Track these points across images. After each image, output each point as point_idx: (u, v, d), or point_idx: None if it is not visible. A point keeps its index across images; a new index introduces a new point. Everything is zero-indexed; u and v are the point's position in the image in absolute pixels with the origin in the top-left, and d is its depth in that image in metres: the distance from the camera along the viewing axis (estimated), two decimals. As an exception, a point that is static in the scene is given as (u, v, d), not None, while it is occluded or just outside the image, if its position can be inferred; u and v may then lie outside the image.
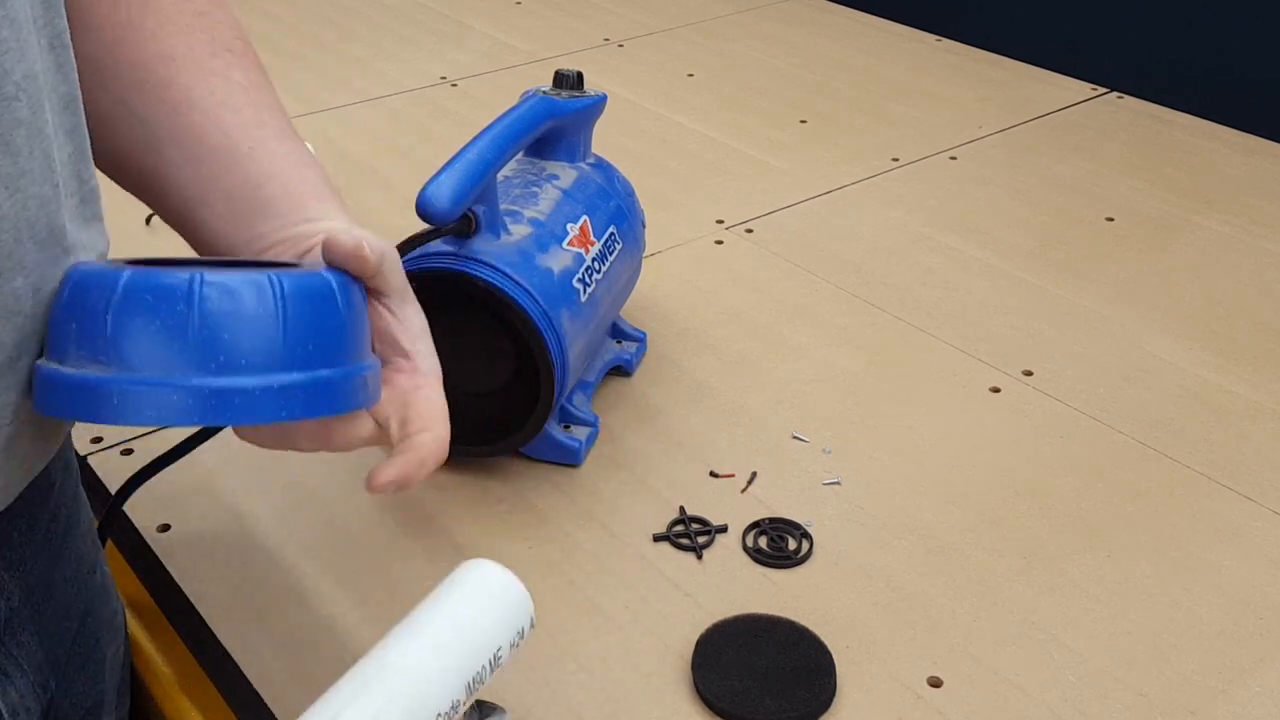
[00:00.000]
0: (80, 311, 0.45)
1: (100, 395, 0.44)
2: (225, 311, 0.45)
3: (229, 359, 0.45)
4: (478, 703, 0.62)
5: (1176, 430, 0.84)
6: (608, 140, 0.93)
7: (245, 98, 0.59)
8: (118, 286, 0.45)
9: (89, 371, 0.45)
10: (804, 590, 0.71)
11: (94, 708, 0.65)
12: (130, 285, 0.45)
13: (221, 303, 0.45)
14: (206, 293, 0.45)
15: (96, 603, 0.65)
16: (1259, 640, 0.68)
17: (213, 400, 0.45)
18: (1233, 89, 1.46)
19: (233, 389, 0.45)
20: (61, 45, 0.51)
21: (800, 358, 0.92)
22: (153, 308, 0.44)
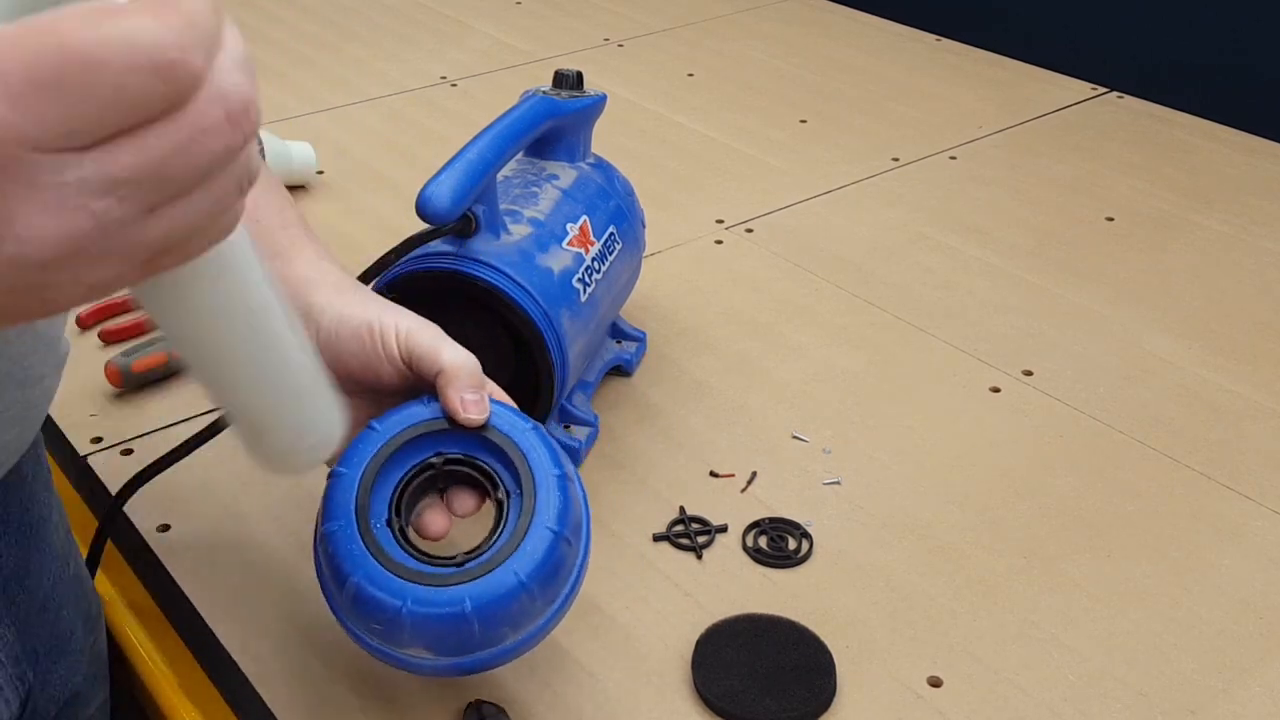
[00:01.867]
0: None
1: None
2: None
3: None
4: (478, 702, 0.62)
5: (1176, 430, 0.84)
6: (608, 140, 0.93)
7: None
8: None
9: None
10: (804, 590, 0.71)
11: (72, 699, 0.65)
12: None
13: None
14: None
15: (72, 595, 0.65)
16: (1259, 640, 0.68)
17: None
18: (1233, 89, 1.46)
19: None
20: None
21: (800, 357, 0.92)
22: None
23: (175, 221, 0.30)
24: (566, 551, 0.55)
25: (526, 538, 0.54)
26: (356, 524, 0.54)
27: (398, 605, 0.53)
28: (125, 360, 0.85)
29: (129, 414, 0.84)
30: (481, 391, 0.56)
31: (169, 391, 0.86)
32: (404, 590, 0.53)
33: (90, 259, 0.29)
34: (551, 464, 0.56)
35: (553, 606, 0.56)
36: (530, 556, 0.54)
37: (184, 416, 0.84)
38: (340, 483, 0.56)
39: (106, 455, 0.81)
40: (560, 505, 0.55)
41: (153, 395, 0.86)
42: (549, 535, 0.54)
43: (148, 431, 0.82)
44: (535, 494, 0.55)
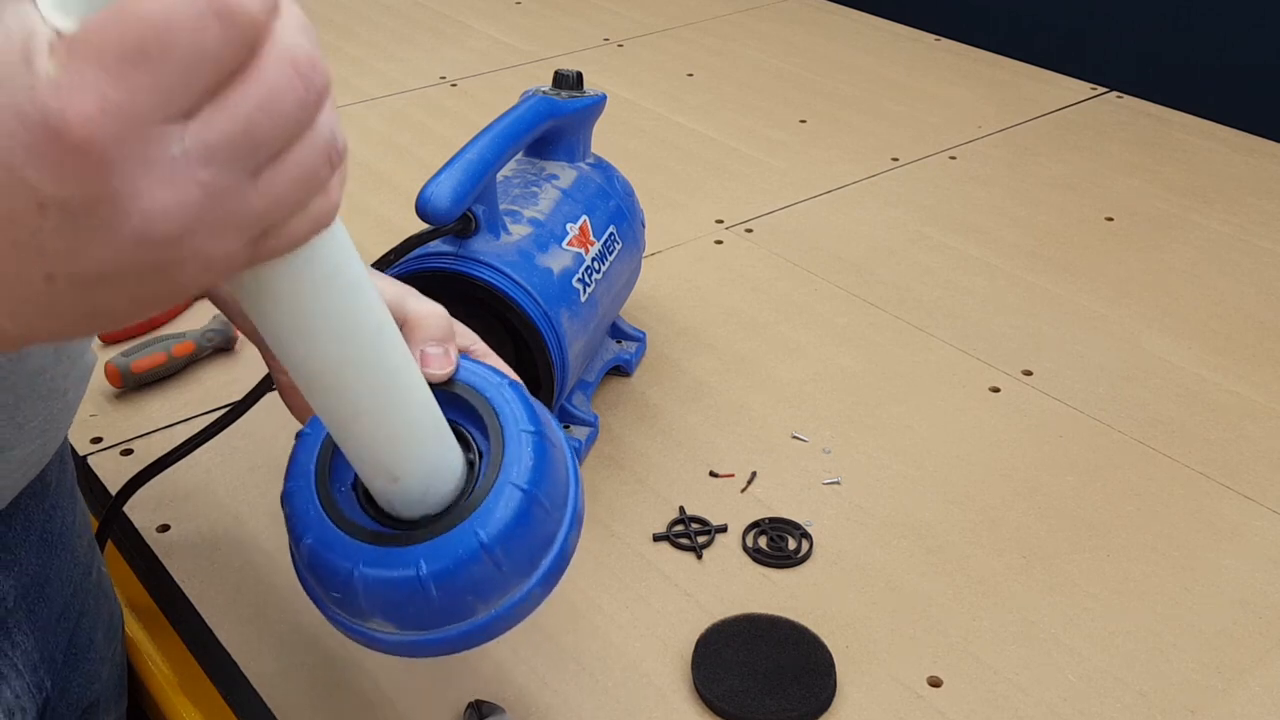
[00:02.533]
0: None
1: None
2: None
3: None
4: (477, 702, 0.62)
5: (1176, 430, 0.84)
6: (608, 140, 0.93)
7: None
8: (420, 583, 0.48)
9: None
10: (804, 590, 0.71)
11: (90, 708, 0.65)
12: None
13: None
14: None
15: (92, 602, 0.65)
16: (1259, 640, 0.68)
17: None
18: (1233, 89, 1.46)
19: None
20: None
21: (800, 357, 0.92)
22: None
23: (274, 190, 0.32)
24: (540, 515, 0.49)
25: (490, 495, 0.48)
26: (315, 485, 0.50)
27: (349, 568, 0.48)
28: (125, 360, 0.85)
29: (129, 414, 0.84)
30: (447, 345, 0.52)
31: (169, 391, 0.86)
32: (356, 552, 0.48)
33: (207, 232, 0.30)
34: (527, 420, 0.50)
35: (529, 580, 0.50)
36: (494, 515, 0.48)
37: (184, 416, 0.84)
38: (304, 444, 0.52)
39: (106, 455, 0.81)
40: (533, 463, 0.49)
41: (153, 395, 0.86)
42: (516, 493, 0.48)
43: (148, 431, 0.82)
44: (504, 449, 0.49)
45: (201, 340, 0.89)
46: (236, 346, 0.91)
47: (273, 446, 0.81)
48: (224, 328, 0.90)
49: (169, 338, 0.88)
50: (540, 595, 0.51)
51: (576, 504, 0.52)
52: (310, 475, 0.51)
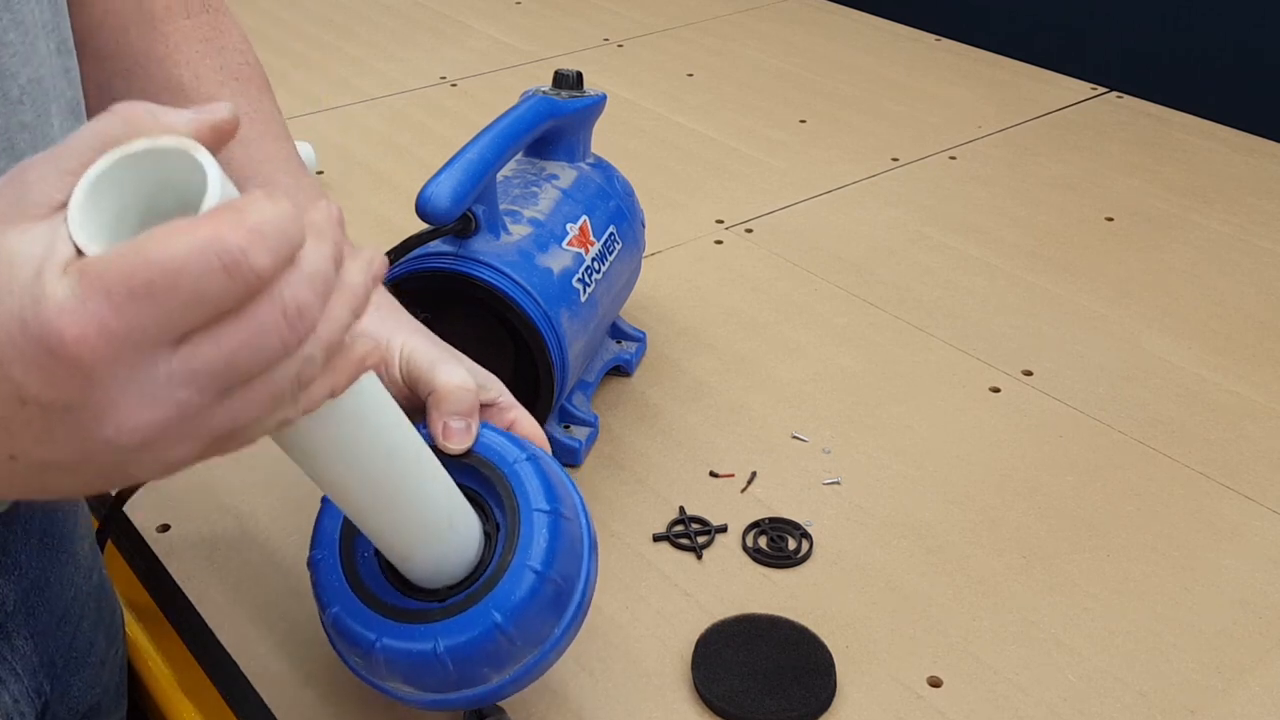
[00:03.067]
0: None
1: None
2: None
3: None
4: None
5: (1176, 430, 0.84)
6: (608, 140, 0.93)
7: (252, 129, 0.59)
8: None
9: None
10: (804, 590, 0.71)
11: (91, 711, 0.65)
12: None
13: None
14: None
15: (94, 606, 0.65)
16: (1259, 640, 0.68)
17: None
18: (1232, 89, 1.46)
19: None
20: (67, 50, 0.50)
21: (800, 357, 0.92)
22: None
23: (239, 409, 0.34)
24: (552, 593, 0.53)
25: (506, 576, 0.52)
26: (339, 554, 0.54)
27: (371, 639, 0.52)
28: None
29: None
30: (469, 419, 0.55)
31: (169, 391, 0.86)
32: (378, 625, 0.52)
33: (169, 443, 0.33)
34: (544, 499, 0.53)
35: (540, 648, 0.54)
36: (509, 598, 0.51)
37: (184, 416, 0.84)
38: (329, 509, 0.55)
39: (106, 455, 0.80)
40: (547, 544, 0.52)
41: (153, 395, 0.86)
42: (530, 576, 0.52)
43: (148, 431, 0.82)
44: (519, 530, 0.52)
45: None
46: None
47: (272, 446, 0.80)
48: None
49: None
50: (553, 659, 0.55)
51: (589, 573, 0.56)
52: (335, 545, 0.54)
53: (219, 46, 0.60)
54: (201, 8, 0.60)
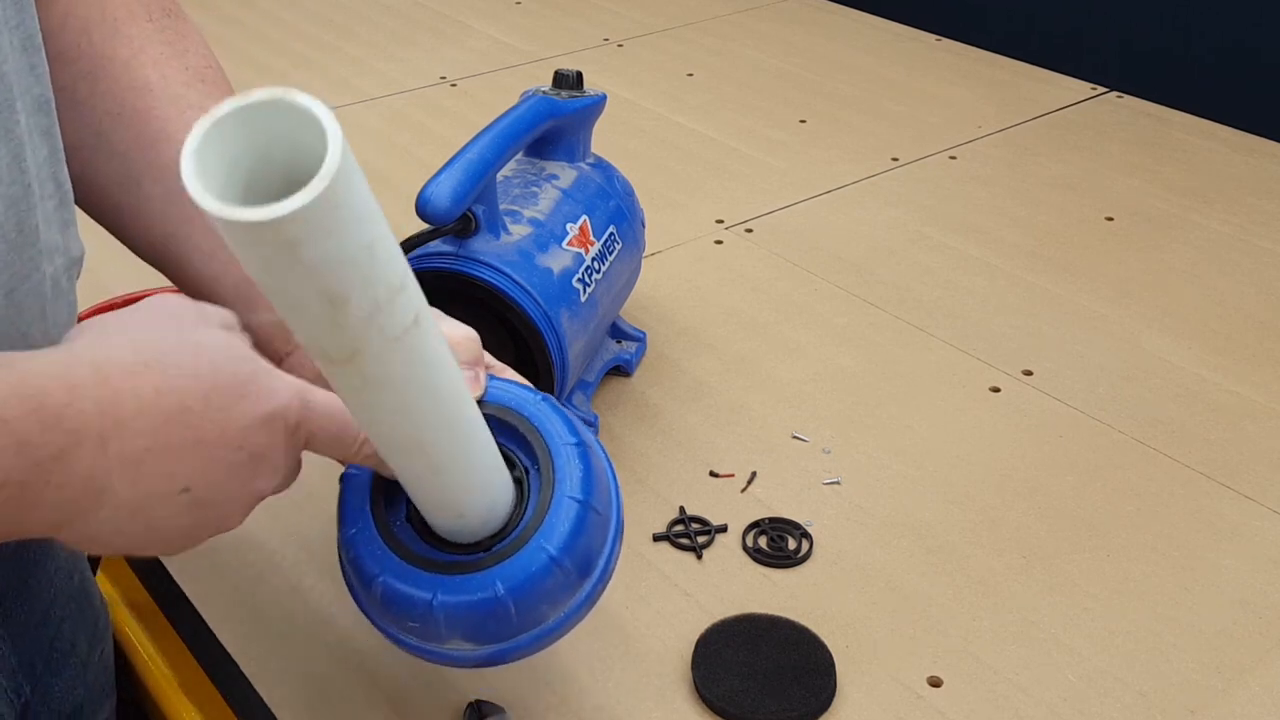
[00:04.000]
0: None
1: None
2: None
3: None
4: (477, 702, 0.62)
5: (1176, 429, 0.84)
6: (608, 140, 0.93)
7: None
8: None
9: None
10: (804, 590, 0.71)
11: (74, 712, 0.65)
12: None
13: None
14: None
15: (75, 608, 0.65)
16: (1259, 640, 0.68)
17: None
18: (1232, 89, 1.46)
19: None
20: (34, 47, 0.50)
21: (800, 357, 0.92)
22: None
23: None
24: (595, 520, 0.53)
25: (550, 510, 0.52)
26: (374, 524, 0.53)
27: (428, 598, 0.51)
28: (125, 360, 0.85)
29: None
30: (477, 368, 0.55)
31: (169, 391, 0.86)
32: (433, 583, 0.51)
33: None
34: (568, 433, 0.54)
35: (591, 579, 0.54)
36: (557, 529, 0.52)
37: (184, 416, 0.84)
38: (352, 485, 0.55)
39: (106, 455, 0.80)
40: (583, 473, 0.53)
41: (153, 395, 0.86)
42: (574, 505, 0.53)
43: (148, 431, 0.82)
44: (554, 465, 0.53)
45: (201, 340, 0.88)
46: (236, 346, 0.91)
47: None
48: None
49: (169, 338, 0.88)
50: (600, 590, 0.55)
51: (619, 500, 0.56)
52: (368, 516, 0.54)
53: (182, 49, 0.59)
54: (163, 12, 0.60)
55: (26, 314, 0.50)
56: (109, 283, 0.96)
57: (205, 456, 0.44)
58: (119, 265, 0.90)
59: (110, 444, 0.41)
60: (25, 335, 0.51)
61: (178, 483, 0.43)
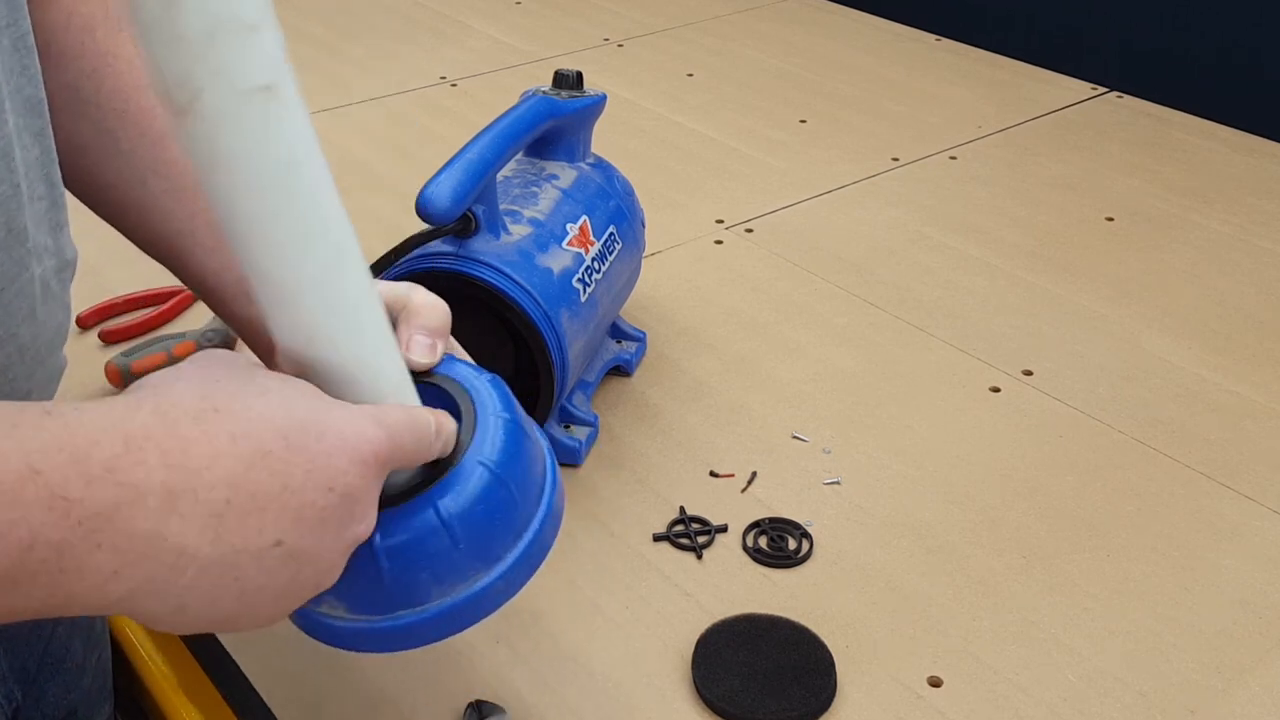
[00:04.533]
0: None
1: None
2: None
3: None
4: (477, 702, 0.62)
5: (1176, 429, 0.84)
6: (608, 140, 0.93)
7: None
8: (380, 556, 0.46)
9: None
10: (804, 590, 0.71)
11: (67, 716, 0.65)
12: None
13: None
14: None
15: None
16: (1259, 640, 0.68)
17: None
18: (1232, 89, 1.46)
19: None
20: (25, 47, 0.50)
21: (800, 357, 0.92)
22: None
23: None
24: (505, 499, 0.47)
25: (452, 471, 0.46)
26: None
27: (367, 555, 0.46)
28: (125, 360, 0.85)
29: (129, 414, 0.84)
30: (436, 337, 0.52)
31: (169, 391, 0.86)
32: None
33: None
34: (501, 407, 0.49)
35: (490, 571, 0.47)
36: (453, 489, 0.46)
37: (184, 416, 0.84)
38: None
39: (106, 455, 0.80)
40: (502, 445, 0.47)
41: (153, 395, 0.86)
42: (481, 472, 0.46)
43: (148, 431, 0.82)
44: (474, 432, 0.48)
45: (201, 340, 0.89)
46: (236, 346, 0.91)
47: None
48: (224, 328, 0.90)
49: (169, 338, 0.88)
50: (502, 591, 0.48)
51: (552, 502, 0.50)
52: None
53: None
54: None
55: (16, 315, 0.50)
56: (110, 283, 0.96)
57: (295, 504, 0.39)
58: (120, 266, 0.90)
59: (182, 499, 0.37)
60: (15, 336, 0.51)
61: (268, 536, 0.39)
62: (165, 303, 0.94)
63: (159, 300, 0.94)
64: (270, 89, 0.38)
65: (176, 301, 0.94)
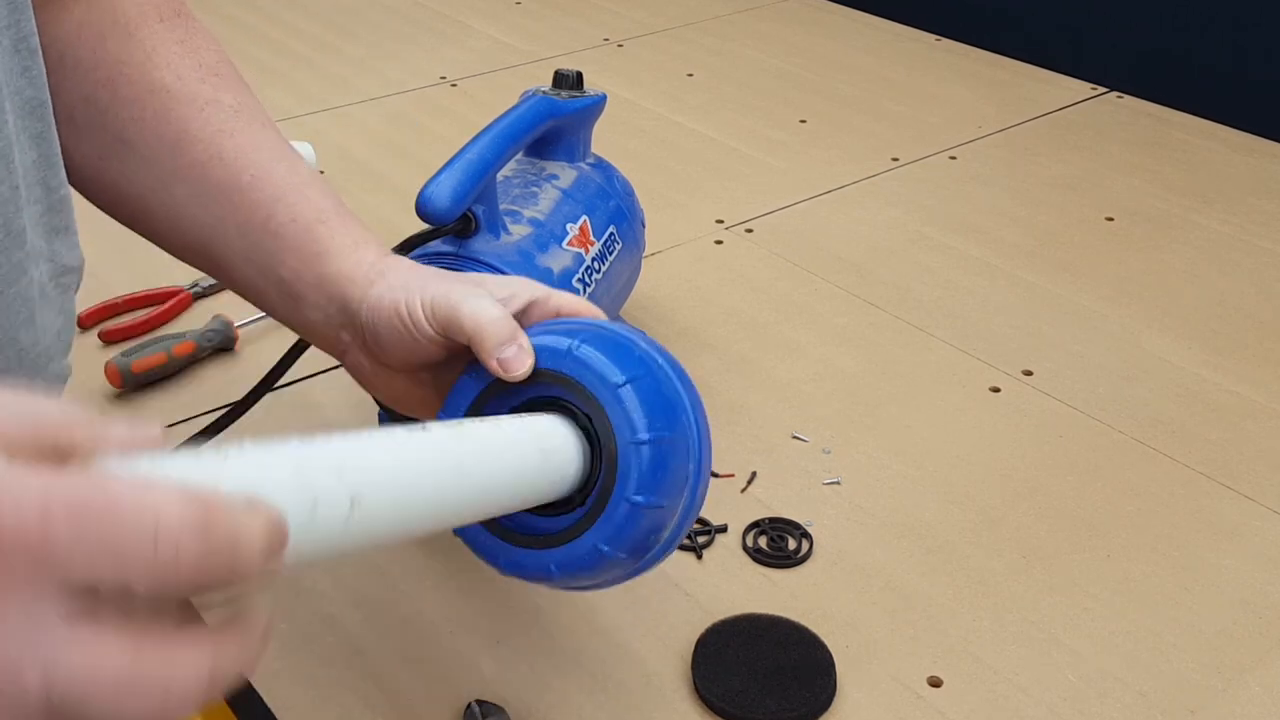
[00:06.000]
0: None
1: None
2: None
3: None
4: (478, 702, 0.62)
5: (1175, 429, 0.84)
6: (608, 140, 0.93)
7: (239, 121, 0.58)
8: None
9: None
10: (804, 590, 0.71)
11: None
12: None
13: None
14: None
15: None
16: (1259, 639, 0.68)
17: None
18: (1232, 89, 1.46)
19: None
20: (28, 49, 0.50)
21: (800, 357, 0.92)
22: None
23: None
24: (668, 452, 0.53)
25: (620, 460, 0.52)
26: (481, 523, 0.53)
27: (544, 573, 0.53)
28: (125, 360, 0.85)
29: (129, 414, 0.84)
30: (514, 341, 0.53)
31: (169, 391, 0.86)
32: (542, 558, 0.53)
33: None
34: (616, 371, 0.53)
35: (690, 483, 0.54)
36: (631, 478, 0.52)
37: (184, 416, 0.84)
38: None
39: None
40: (641, 409, 0.53)
41: (153, 395, 0.86)
42: (643, 450, 0.52)
43: (148, 431, 0.82)
44: (608, 417, 0.52)
45: (201, 340, 0.89)
46: (237, 346, 0.91)
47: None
48: (224, 328, 0.90)
49: (169, 338, 0.88)
50: (707, 477, 0.56)
51: (691, 403, 0.56)
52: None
53: (194, 47, 0.60)
54: (172, 12, 0.61)
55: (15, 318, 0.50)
56: (110, 283, 0.97)
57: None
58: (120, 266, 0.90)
59: None
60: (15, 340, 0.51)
61: None
62: (165, 303, 0.94)
63: (159, 300, 0.94)
64: (354, 503, 0.40)
65: (176, 301, 0.94)
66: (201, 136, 0.57)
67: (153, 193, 0.58)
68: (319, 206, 0.58)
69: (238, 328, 0.90)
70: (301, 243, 0.57)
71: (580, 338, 0.54)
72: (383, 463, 0.42)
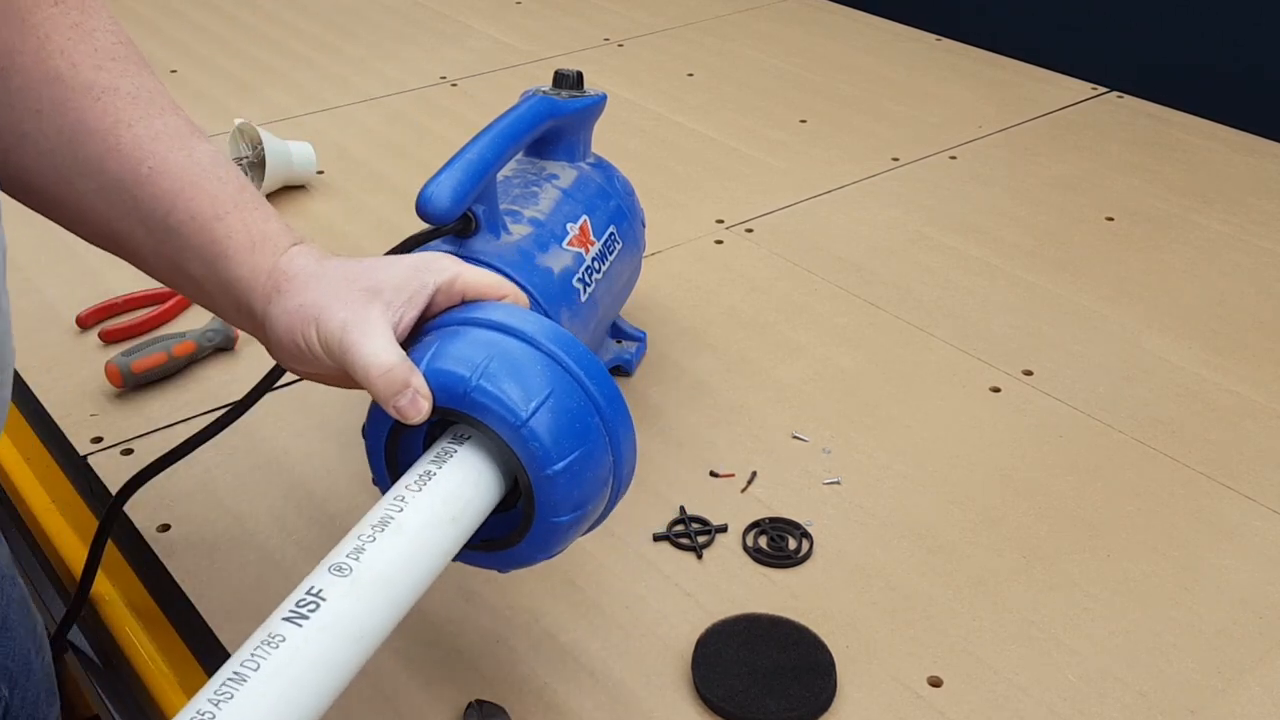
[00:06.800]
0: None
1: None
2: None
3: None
4: (478, 702, 0.62)
5: (1175, 429, 0.84)
6: (608, 140, 0.93)
7: (137, 108, 0.56)
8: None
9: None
10: (804, 590, 0.71)
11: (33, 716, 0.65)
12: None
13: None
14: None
15: (20, 615, 0.64)
16: (1259, 639, 0.68)
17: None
18: (1232, 89, 1.46)
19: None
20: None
21: (800, 357, 0.92)
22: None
23: None
24: (582, 465, 0.54)
25: (535, 493, 0.53)
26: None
27: (501, 569, 0.58)
28: (125, 360, 0.85)
29: (129, 414, 0.84)
30: (407, 389, 0.52)
31: (169, 391, 0.86)
32: (494, 559, 0.57)
33: None
34: (522, 405, 0.52)
35: (618, 453, 0.57)
36: (550, 504, 0.54)
37: (184, 416, 0.84)
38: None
39: (106, 455, 0.81)
40: (549, 438, 0.52)
41: (153, 395, 0.86)
42: (550, 479, 0.53)
43: (148, 431, 0.82)
44: (514, 448, 0.53)
45: (202, 340, 0.89)
46: (237, 346, 0.91)
47: (272, 446, 0.81)
48: (224, 328, 0.90)
49: (169, 337, 0.88)
50: (632, 443, 0.58)
51: (602, 390, 0.55)
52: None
53: (89, 30, 0.56)
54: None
55: None
56: (110, 283, 0.97)
57: None
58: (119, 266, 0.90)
59: None
60: None
61: None
62: (165, 303, 0.94)
63: (159, 300, 0.94)
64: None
65: (176, 301, 0.94)
66: (98, 129, 0.55)
67: (56, 185, 0.56)
68: (216, 200, 0.56)
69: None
70: (201, 243, 0.55)
71: (480, 362, 0.53)
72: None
